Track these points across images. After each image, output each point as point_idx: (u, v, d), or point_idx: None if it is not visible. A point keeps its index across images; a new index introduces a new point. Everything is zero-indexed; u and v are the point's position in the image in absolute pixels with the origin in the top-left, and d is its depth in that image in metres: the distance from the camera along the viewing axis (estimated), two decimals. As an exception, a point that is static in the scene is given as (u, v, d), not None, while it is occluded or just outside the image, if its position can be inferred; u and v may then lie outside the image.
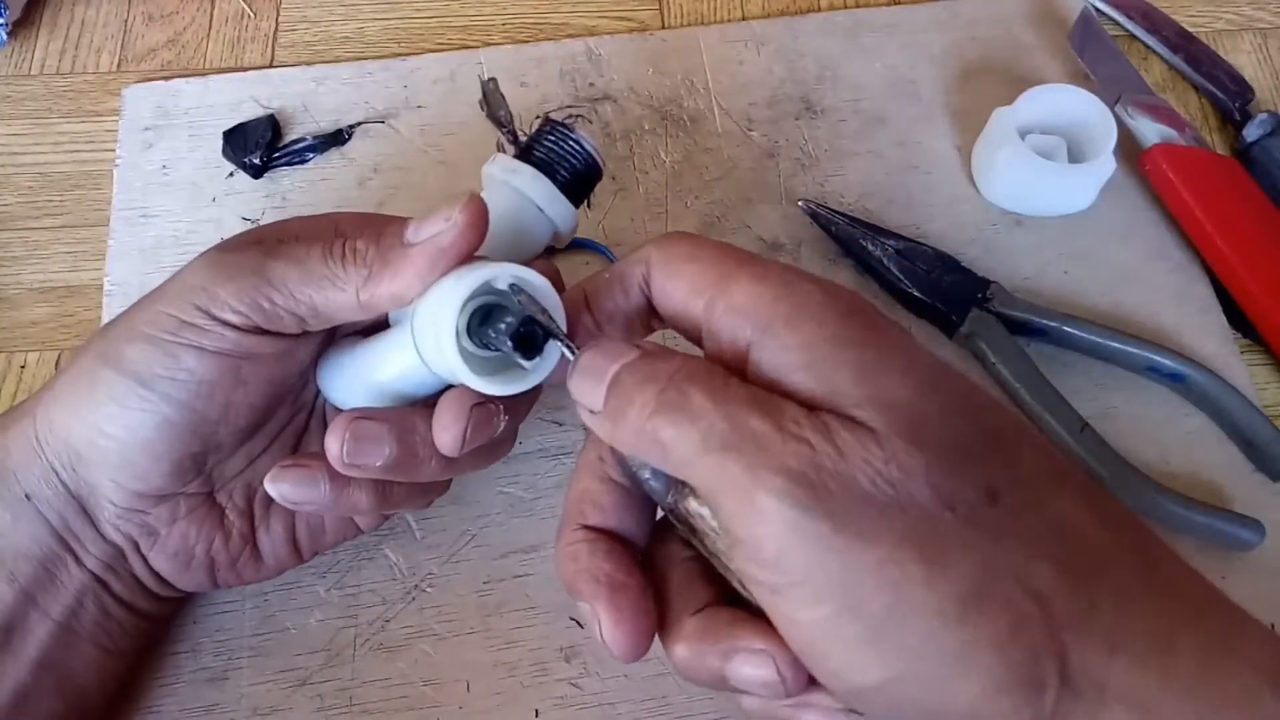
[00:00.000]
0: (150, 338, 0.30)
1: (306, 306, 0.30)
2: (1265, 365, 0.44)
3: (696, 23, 0.53)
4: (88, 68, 0.51)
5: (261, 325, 0.31)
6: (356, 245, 0.30)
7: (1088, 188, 0.46)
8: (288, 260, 0.30)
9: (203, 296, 0.30)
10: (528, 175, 0.33)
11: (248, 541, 0.34)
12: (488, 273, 0.29)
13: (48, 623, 0.32)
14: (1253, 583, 0.39)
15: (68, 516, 0.32)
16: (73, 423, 0.31)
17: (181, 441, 0.31)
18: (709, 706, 0.37)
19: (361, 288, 0.30)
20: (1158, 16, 0.52)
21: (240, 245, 0.31)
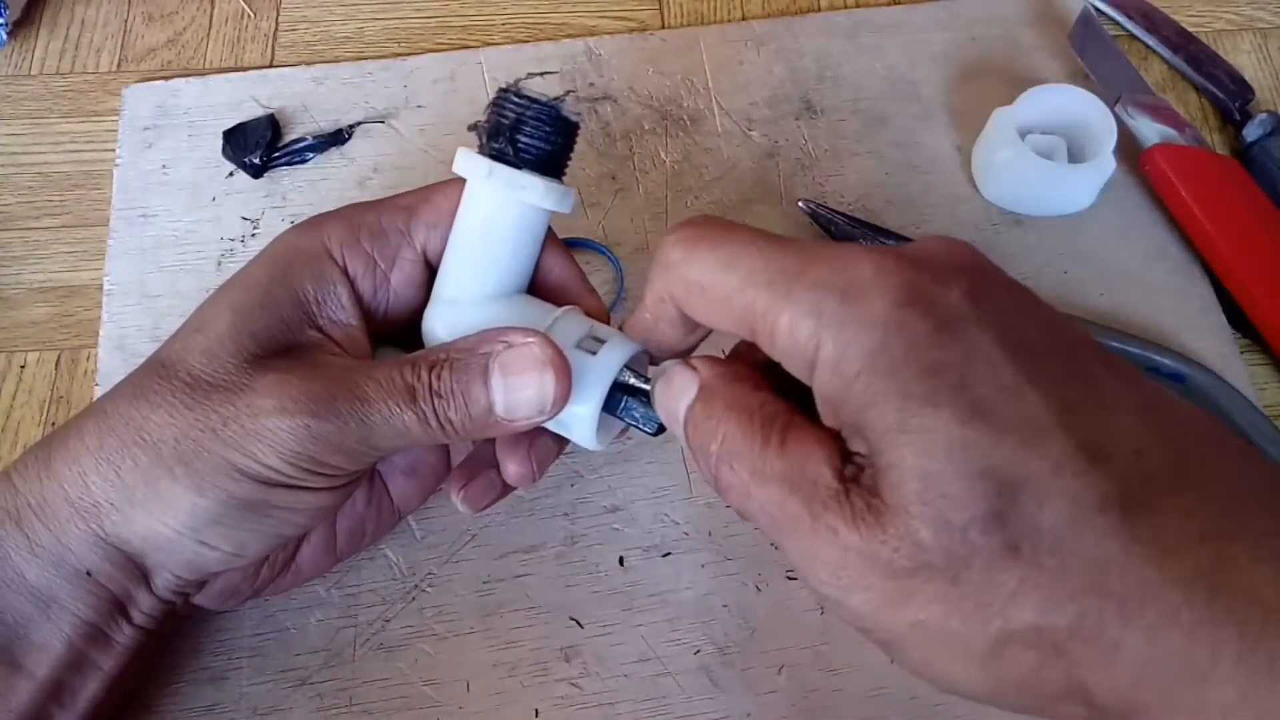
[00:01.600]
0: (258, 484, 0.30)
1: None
2: (1265, 365, 0.44)
3: (696, 23, 0.53)
4: (88, 68, 0.51)
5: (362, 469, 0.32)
6: (450, 417, 0.30)
7: (1088, 188, 0.46)
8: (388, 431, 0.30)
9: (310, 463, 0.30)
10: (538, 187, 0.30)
11: (289, 564, 0.35)
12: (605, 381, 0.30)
13: (101, 676, 0.32)
14: (1253, 583, 0.39)
15: (129, 586, 0.31)
16: (161, 530, 0.30)
17: (282, 542, 0.33)
18: (709, 706, 0.37)
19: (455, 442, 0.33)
20: (1158, 16, 0.52)
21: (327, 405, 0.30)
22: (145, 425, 0.30)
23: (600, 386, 0.30)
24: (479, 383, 0.30)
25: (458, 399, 0.30)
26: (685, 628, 0.38)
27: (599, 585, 0.39)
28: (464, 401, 0.30)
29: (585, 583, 0.39)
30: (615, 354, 0.30)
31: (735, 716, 0.37)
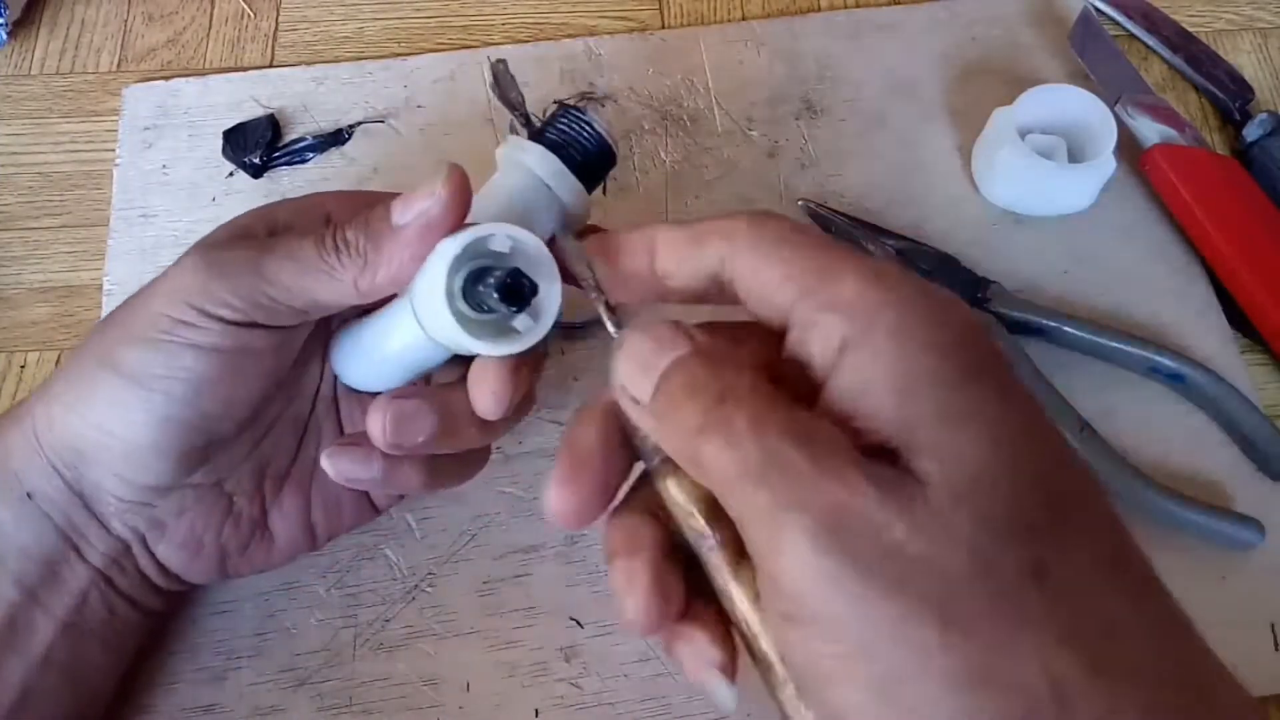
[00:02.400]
0: (146, 339, 0.30)
1: (305, 300, 0.30)
2: (1265, 365, 0.44)
3: (696, 23, 0.53)
4: (88, 68, 0.51)
5: (259, 320, 0.31)
6: (347, 235, 0.30)
7: (1088, 188, 0.46)
8: (282, 255, 0.30)
9: (197, 295, 0.30)
10: (536, 153, 0.33)
11: (258, 526, 0.34)
12: (479, 231, 0.28)
13: (53, 621, 0.32)
14: (1253, 583, 0.39)
15: (71, 513, 0.32)
16: (73, 421, 0.31)
17: (184, 437, 0.31)
18: (709, 706, 0.37)
19: (359, 277, 0.30)
20: (1158, 16, 0.52)
21: (231, 241, 0.31)
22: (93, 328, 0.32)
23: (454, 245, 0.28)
24: (381, 205, 0.30)
25: (359, 219, 0.30)
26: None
27: (599, 585, 0.39)
28: (364, 218, 0.30)
29: (585, 583, 0.39)
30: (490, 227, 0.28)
31: (735, 716, 0.37)
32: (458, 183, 0.29)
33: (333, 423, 0.36)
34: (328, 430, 0.36)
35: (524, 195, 0.33)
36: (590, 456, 0.26)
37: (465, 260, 0.29)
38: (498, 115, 0.49)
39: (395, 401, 0.31)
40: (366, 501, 0.37)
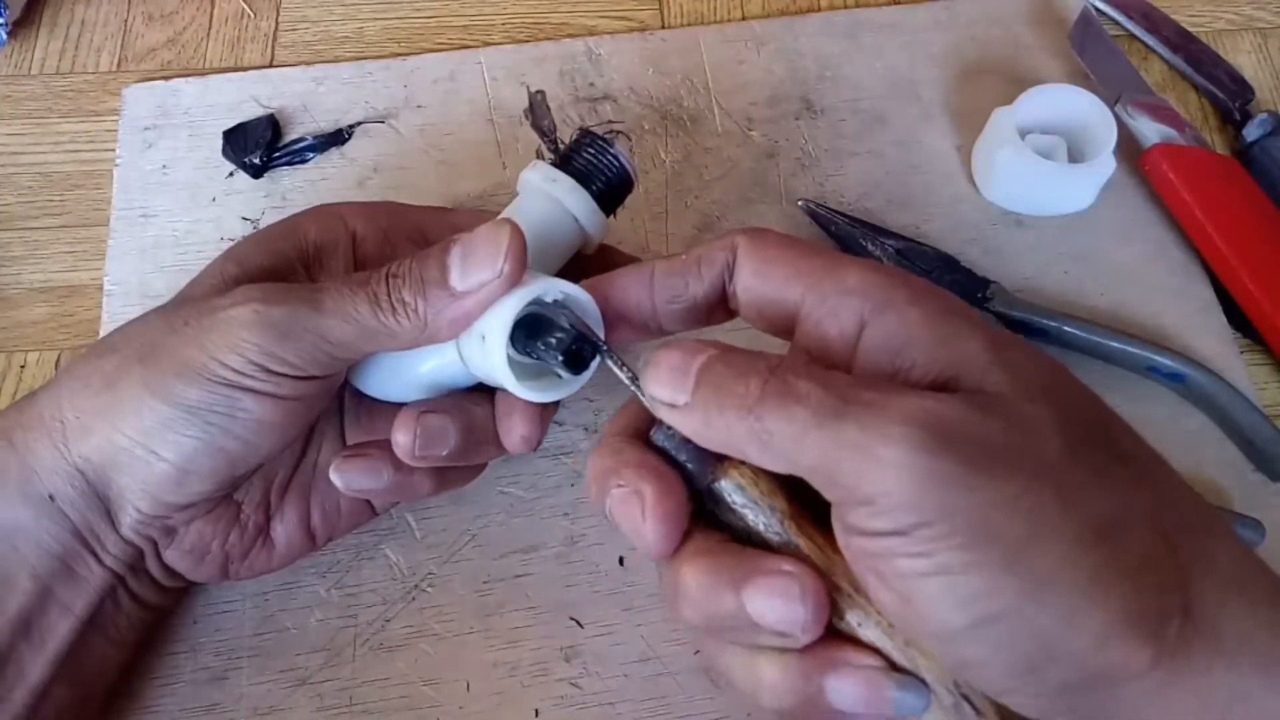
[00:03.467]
0: (205, 380, 0.30)
1: (363, 354, 0.32)
2: (1265, 365, 0.44)
3: (696, 23, 0.53)
4: (88, 68, 0.51)
5: (318, 374, 0.31)
6: (404, 296, 0.30)
7: (1088, 188, 0.46)
8: (341, 318, 0.30)
9: (258, 354, 0.30)
10: (567, 186, 0.35)
11: (261, 532, 0.35)
12: (537, 290, 0.30)
13: (69, 618, 0.32)
14: (1253, 583, 0.39)
15: (90, 518, 0.32)
16: (117, 439, 0.31)
17: (233, 466, 0.32)
18: (709, 706, 0.37)
19: (418, 337, 0.31)
20: (1158, 16, 0.52)
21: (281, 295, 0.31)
22: (119, 336, 0.32)
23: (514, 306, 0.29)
24: (434, 261, 0.30)
25: (413, 275, 0.30)
26: (685, 628, 0.38)
27: (599, 585, 0.39)
28: (419, 276, 0.30)
29: (585, 583, 0.39)
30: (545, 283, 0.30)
31: (735, 716, 0.37)
32: (520, 253, 0.30)
33: (335, 429, 0.37)
34: (329, 437, 0.36)
35: (552, 226, 0.35)
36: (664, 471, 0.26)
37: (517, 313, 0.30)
38: (497, 115, 0.49)
39: (425, 417, 0.32)
40: (364, 505, 0.37)
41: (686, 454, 0.26)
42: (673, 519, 0.25)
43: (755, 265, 0.27)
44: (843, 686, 0.24)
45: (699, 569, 0.25)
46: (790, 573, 0.24)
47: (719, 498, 0.26)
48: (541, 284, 0.30)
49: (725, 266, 0.28)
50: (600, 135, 0.36)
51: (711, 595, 0.24)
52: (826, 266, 0.26)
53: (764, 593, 0.24)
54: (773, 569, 0.24)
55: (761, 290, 0.27)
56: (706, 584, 0.25)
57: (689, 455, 0.26)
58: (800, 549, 0.25)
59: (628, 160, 0.36)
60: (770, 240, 0.27)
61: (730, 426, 0.24)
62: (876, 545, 0.22)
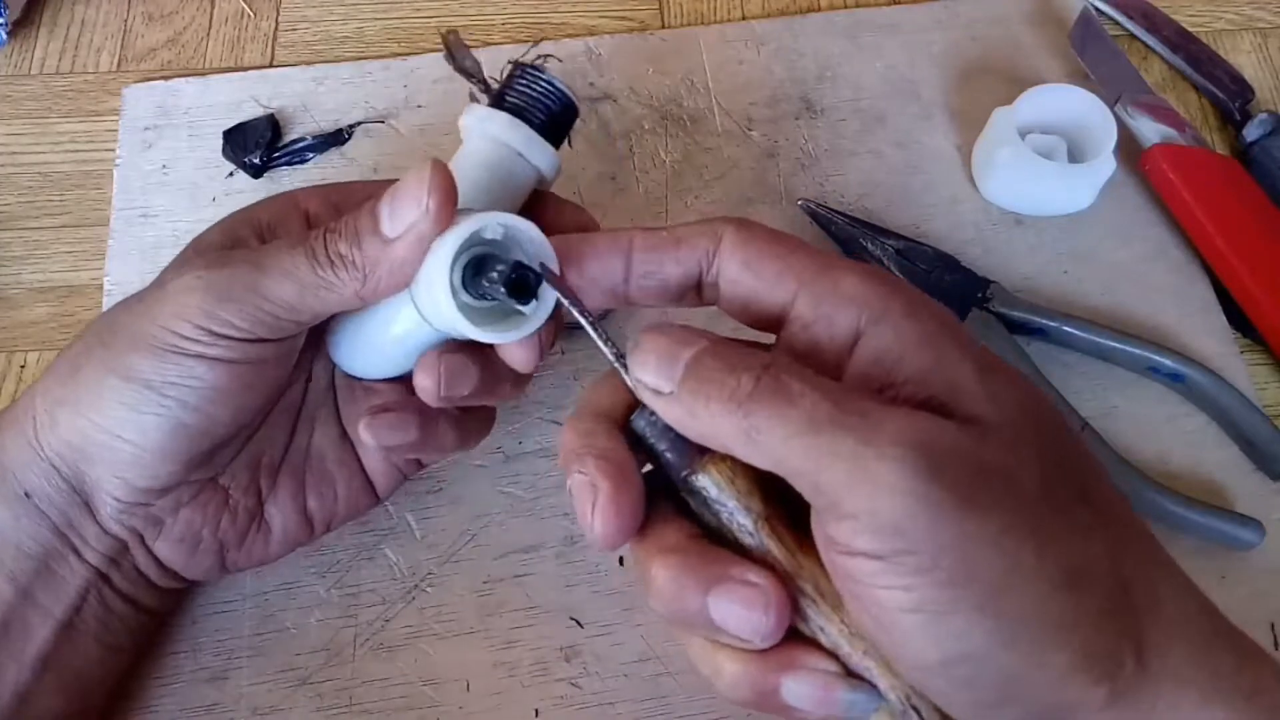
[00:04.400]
0: (158, 350, 0.30)
1: (307, 314, 0.31)
2: (1265, 365, 0.44)
3: (696, 23, 0.53)
4: (88, 67, 0.51)
5: (264, 336, 0.31)
6: (340, 249, 0.30)
7: (1088, 188, 0.46)
8: (280, 275, 0.30)
9: (202, 318, 0.30)
10: (503, 122, 0.33)
11: (255, 517, 0.35)
12: (472, 225, 0.28)
13: (50, 621, 0.32)
14: (1253, 583, 0.39)
15: (69, 512, 0.32)
16: (81, 424, 0.31)
17: (194, 442, 0.32)
18: (709, 706, 0.37)
19: (360, 289, 0.30)
20: (1158, 16, 0.52)
21: (224, 254, 0.31)
22: (88, 328, 0.32)
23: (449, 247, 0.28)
24: (366, 212, 0.30)
25: (347, 228, 0.30)
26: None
27: (599, 585, 0.39)
28: (353, 228, 0.30)
29: (585, 583, 0.39)
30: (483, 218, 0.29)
31: (735, 716, 0.37)
32: (444, 187, 0.29)
33: (329, 410, 0.36)
34: (323, 417, 0.36)
35: (497, 166, 0.33)
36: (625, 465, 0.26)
37: (462, 253, 0.29)
38: (498, 115, 0.49)
39: (446, 356, 0.32)
40: (363, 486, 0.37)
41: (666, 443, 0.26)
42: (623, 518, 0.25)
43: (744, 258, 0.27)
44: (798, 687, 0.24)
45: (668, 566, 0.25)
46: (756, 584, 0.24)
47: (695, 491, 0.26)
48: (479, 219, 0.29)
49: (706, 254, 0.27)
50: (531, 65, 0.34)
51: (678, 593, 0.25)
52: (821, 268, 0.25)
53: (728, 600, 0.24)
54: (740, 578, 0.24)
55: (750, 285, 0.27)
56: (675, 582, 0.25)
57: (669, 445, 0.26)
58: (771, 552, 0.25)
59: (563, 85, 0.34)
60: (759, 234, 0.27)
61: (716, 419, 0.24)
62: (857, 567, 0.22)
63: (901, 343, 0.24)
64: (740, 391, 0.23)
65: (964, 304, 0.43)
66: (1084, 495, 0.24)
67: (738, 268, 0.27)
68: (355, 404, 0.36)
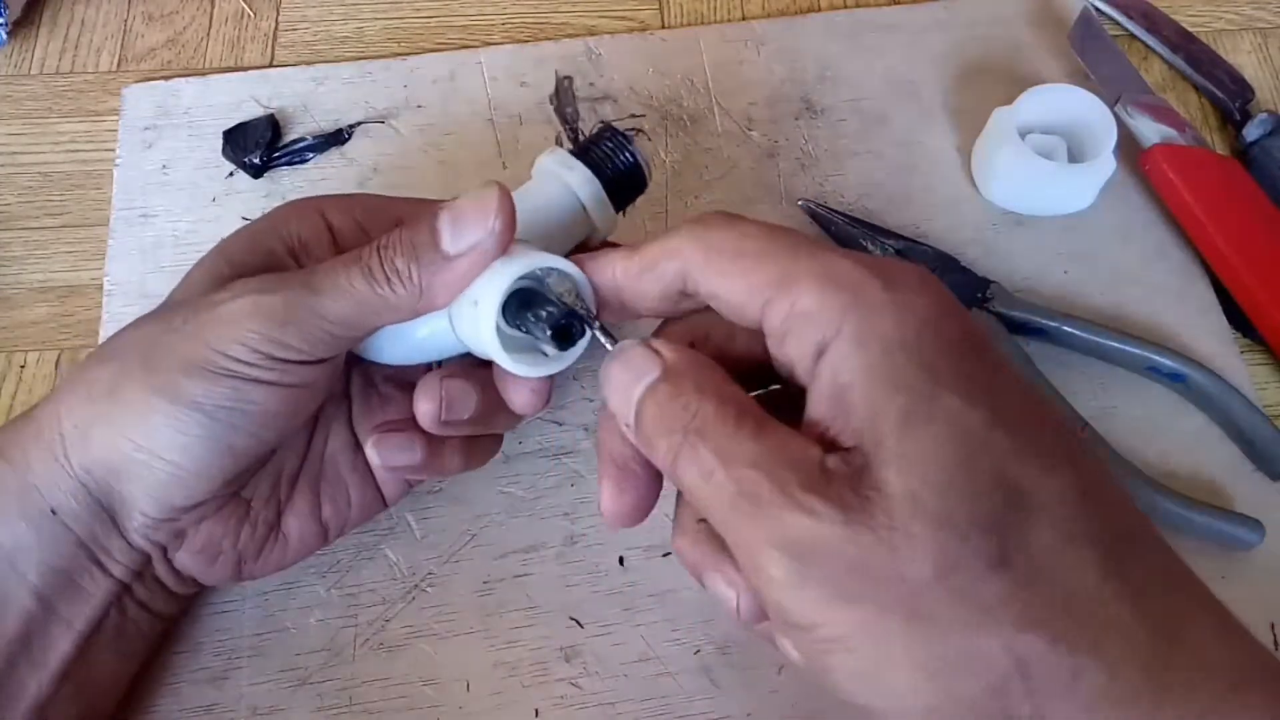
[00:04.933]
0: (210, 373, 0.30)
1: (365, 330, 0.31)
2: (1265, 365, 0.44)
3: (696, 23, 0.53)
4: (88, 67, 0.51)
5: (323, 356, 0.31)
6: (397, 264, 0.30)
7: (1088, 188, 0.46)
8: (337, 294, 0.30)
9: (261, 342, 0.30)
10: (581, 175, 0.34)
11: (273, 528, 0.35)
12: (528, 264, 0.29)
13: (71, 633, 0.32)
14: (1253, 583, 0.39)
15: (95, 528, 0.31)
16: (120, 444, 0.30)
17: (237, 463, 0.32)
18: (708, 706, 0.37)
19: (418, 304, 0.31)
20: (1158, 16, 0.52)
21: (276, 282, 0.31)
22: (116, 342, 0.32)
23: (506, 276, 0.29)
24: (424, 227, 0.30)
25: (404, 243, 0.30)
26: (685, 628, 0.38)
27: (599, 585, 0.39)
28: (410, 243, 0.30)
29: (585, 583, 0.39)
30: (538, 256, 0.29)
31: (735, 716, 0.37)
32: (509, 212, 0.29)
33: (343, 418, 0.36)
34: (336, 427, 0.36)
35: (559, 211, 0.34)
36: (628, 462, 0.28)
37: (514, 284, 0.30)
38: (497, 115, 0.49)
39: (448, 382, 0.33)
40: (374, 493, 0.37)
41: None
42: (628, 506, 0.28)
43: (708, 280, 0.26)
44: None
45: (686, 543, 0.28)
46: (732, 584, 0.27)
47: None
48: (537, 256, 0.30)
49: (675, 272, 0.27)
50: (620, 131, 0.36)
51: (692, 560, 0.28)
52: (780, 279, 0.24)
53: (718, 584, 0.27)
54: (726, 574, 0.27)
55: (723, 300, 0.26)
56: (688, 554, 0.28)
57: None
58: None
59: (644, 159, 0.36)
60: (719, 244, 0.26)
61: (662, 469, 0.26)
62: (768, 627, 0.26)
63: (842, 379, 0.23)
64: (668, 455, 0.25)
65: (964, 304, 0.42)
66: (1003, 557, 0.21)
67: (705, 283, 0.26)
68: (368, 413, 0.36)
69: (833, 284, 0.24)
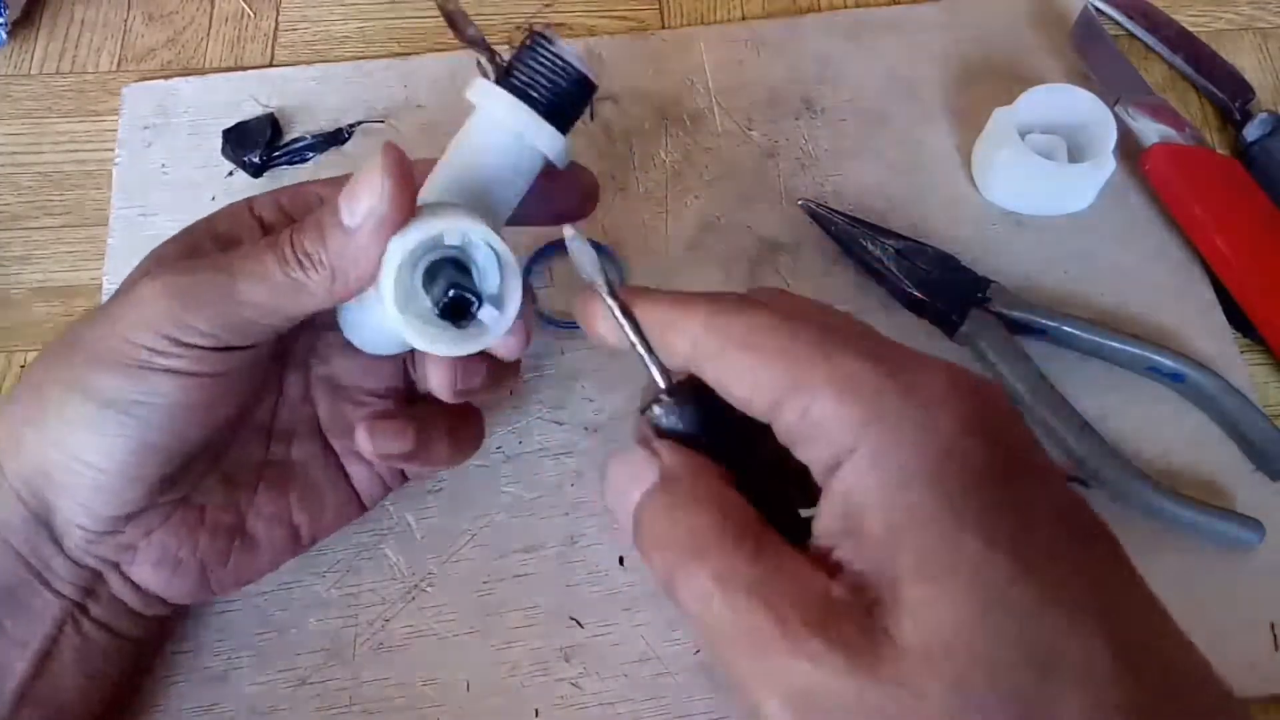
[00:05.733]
0: (120, 366, 0.29)
1: (280, 317, 0.30)
2: (1265, 365, 0.44)
3: (696, 23, 0.53)
4: (87, 67, 0.51)
5: (235, 343, 0.30)
6: (306, 247, 0.29)
7: (1088, 188, 0.46)
8: (250, 278, 0.29)
9: (171, 326, 0.29)
10: (506, 104, 0.30)
11: (236, 533, 0.34)
12: (430, 228, 0.28)
13: (26, 653, 0.31)
14: (1253, 583, 0.39)
15: (36, 544, 0.30)
16: (44, 449, 0.30)
17: (160, 463, 0.31)
18: (708, 706, 0.37)
19: (331, 287, 0.29)
20: (1158, 16, 0.52)
21: (187, 262, 0.30)
22: (49, 349, 0.31)
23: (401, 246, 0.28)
24: (329, 207, 0.29)
25: (312, 225, 0.29)
26: (685, 628, 0.38)
27: (599, 585, 0.39)
28: (317, 224, 0.29)
29: (585, 583, 0.39)
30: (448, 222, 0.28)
31: (735, 716, 0.37)
32: (399, 171, 0.28)
33: (308, 422, 0.36)
34: (302, 430, 0.36)
35: (500, 151, 0.31)
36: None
37: (419, 257, 0.28)
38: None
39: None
40: (350, 497, 0.36)
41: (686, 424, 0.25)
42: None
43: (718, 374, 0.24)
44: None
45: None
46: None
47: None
48: (439, 223, 0.28)
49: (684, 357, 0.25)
50: (541, 34, 0.31)
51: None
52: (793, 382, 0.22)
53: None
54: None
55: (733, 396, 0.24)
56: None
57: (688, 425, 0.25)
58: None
59: (576, 59, 0.30)
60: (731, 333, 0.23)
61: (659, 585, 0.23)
62: None
63: (861, 497, 0.21)
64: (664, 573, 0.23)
65: (964, 304, 0.43)
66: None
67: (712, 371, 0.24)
68: (338, 416, 0.36)
69: (850, 394, 0.22)
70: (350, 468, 0.36)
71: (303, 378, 0.36)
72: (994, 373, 0.42)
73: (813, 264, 0.46)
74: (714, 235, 0.46)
